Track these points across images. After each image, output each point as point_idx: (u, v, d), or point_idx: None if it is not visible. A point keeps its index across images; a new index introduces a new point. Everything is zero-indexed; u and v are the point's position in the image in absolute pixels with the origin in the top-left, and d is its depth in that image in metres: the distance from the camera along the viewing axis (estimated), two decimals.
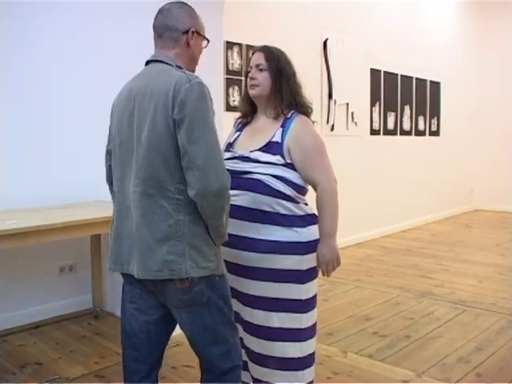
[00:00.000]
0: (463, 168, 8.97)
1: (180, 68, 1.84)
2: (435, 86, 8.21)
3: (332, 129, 6.18)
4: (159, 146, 1.71)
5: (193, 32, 1.87)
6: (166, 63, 1.83)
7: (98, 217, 3.34)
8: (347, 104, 6.39)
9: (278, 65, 2.16)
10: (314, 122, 2.24)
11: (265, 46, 2.23)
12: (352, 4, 6.42)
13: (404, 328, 3.74)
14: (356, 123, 6.56)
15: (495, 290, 4.63)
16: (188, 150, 1.68)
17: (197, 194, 1.70)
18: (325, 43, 6.07)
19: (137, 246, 1.76)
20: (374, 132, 6.93)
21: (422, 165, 7.85)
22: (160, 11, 1.90)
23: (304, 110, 2.20)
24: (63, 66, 3.95)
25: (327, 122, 6.11)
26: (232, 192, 2.04)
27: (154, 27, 1.90)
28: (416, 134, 7.82)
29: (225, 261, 2.14)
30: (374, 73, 6.87)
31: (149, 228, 1.73)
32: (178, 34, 1.86)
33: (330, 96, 6.13)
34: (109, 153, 2.01)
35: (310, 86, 2.46)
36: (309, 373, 2.23)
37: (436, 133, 8.32)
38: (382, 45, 6.90)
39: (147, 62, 1.90)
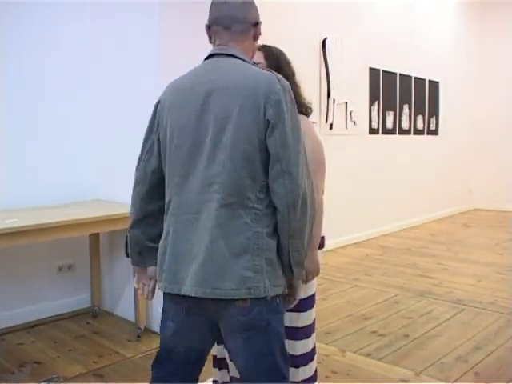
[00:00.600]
0: (462, 167, 8.98)
1: (255, 64, 1.71)
2: (434, 85, 8.21)
3: (331, 128, 6.18)
4: (246, 148, 1.53)
5: (260, 24, 1.73)
6: (239, 58, 1.65)
7: (96, 216, 3.34)
8: (346, 103, 6.38)
9: (278, 64, 2.16)
10: (313, 123, 2.23)
11: (264, 45, 2.22)
12: (351, 3, 6.42)
13: (402, 327, 3.75)
14: (355, 122, 6.55)
15: (494, 289, 4.63)
16: (282, 156, 1.53)
17: (287, 204, 1.54)
18: (323, 43, 6.07)
19: (210, 260, 1.55)
20: (372, 131, 6.93)
21: (421, 164, 7.86)
22: (223, 1, 1.68)
23: (303, 110, 2.20)
24: (63, 66, 3.95)
25: (326, 121, 6.11)
26: None
27: (219, 18, 1.68)
28: (415, 133, 7.82)
29: None
30: (373, 72, 6.86)
31: (226, 240, 1.54)
32: (247, 26, 1.69)
33: (329, 95, 6.13)
34: (153, 156, 1.74)
35: (309, 86, 2.46)
36: (303, 371, 2.24)
37: (435, 132, 8.32)
38: (380, 44, 6.90)
39: (210, 55, 1.69)
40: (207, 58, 1.70)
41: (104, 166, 4.03)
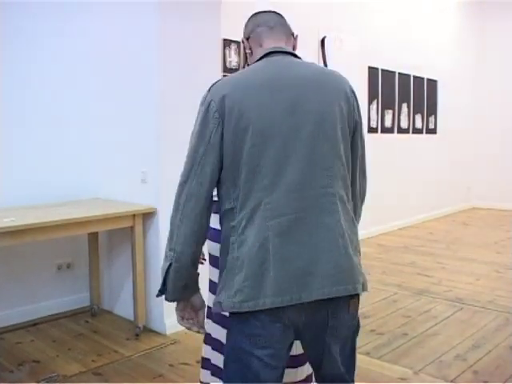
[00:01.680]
0: (460, 166, 8.98)
1: None
2: (432, 83, 8.21)
3: None
4: (345, 144, 1.54)
5: (297, 38, 1.76)
6: (298, 57, 1.65)
7: (95, 214, 3.34)
8: None
9: None
10: None
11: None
12: (349, 2, 6.41)
13: (401, 326, 3.75)
14: None
15: (492, 287, 4.64)
16: (363, 154, 1.65)
17: (361, 200, 1.69)
18: (322, 41, 6.07)
19: (345, 255, 1.47)
20: (371, 130, 6.93)
21: (420, 163, 7.86)
22: (262, 12, 1.76)
23: None
24: (62, 66, 3.94)
25: None
26: None
27: (263, 21, 1.71)
28: (413, 132, 7.82)
29: (212, 256, 2.13)
30: (372, 70, 6.86)
31: (347, 235, 1.49)
32: (289, 32, 1.73)
33: None
34: (208, 164, 1.51)
35: None
36: (301, 371, 2.22)
37: (433, 131, 8.32)
38: (379, 43, 6.89)
39: (268, 54, 1.61)
40: (262, 58, 1.60)
41: (103, 164, 4.03)
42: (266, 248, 1.43)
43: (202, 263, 2.43)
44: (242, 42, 1.72)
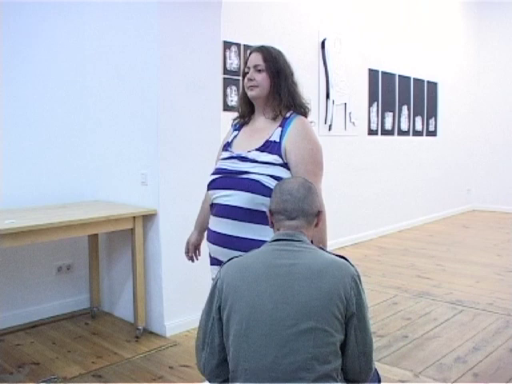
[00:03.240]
0: (460, 168, 8.99)
1: None
2: (432, 86, 8.22)
3: (330, 129, 6.18)
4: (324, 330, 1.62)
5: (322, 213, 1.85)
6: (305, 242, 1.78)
7: (95, 216, 3.33)
8: (345, 104, 6.38)
9: (277, 65, 2.14)
10: (311, 122, 2.22)
11: (262, 46, 2.21)
12: (350, 4, 6.43)
13: (401, 328, 3.75)
14: (354, 123, 6.56)
15: (492, 290, 4.64)
16: (365, 350, 1.87)
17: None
18: (323, 43, 6.07)
19: None
20: (371, 132, 6.93)
21: (420, 165, 7.86)
22: (288, 193, 1.76)
23: (302, 110, 2.19)
24: (63, 67, 3.95)
25: (325, 123, 6.11)
26: (228, 192, 2.03)
27: (284, 210, 1.75)
28: (413, 135, 7.83)
29: (214, 258, 2.13)
30: (372, 73, 6.87)
31: None
32: (312, 218, 1.78)
33: (328, 96, 6.13)
34: None
35: (308, 87, 2.46)
36: None
37: (433, 133, 8.32)
38: (379, 45, 6.91)
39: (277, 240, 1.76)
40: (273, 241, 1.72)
41: (103, 166, 4.03)
42: None
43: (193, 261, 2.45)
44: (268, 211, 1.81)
